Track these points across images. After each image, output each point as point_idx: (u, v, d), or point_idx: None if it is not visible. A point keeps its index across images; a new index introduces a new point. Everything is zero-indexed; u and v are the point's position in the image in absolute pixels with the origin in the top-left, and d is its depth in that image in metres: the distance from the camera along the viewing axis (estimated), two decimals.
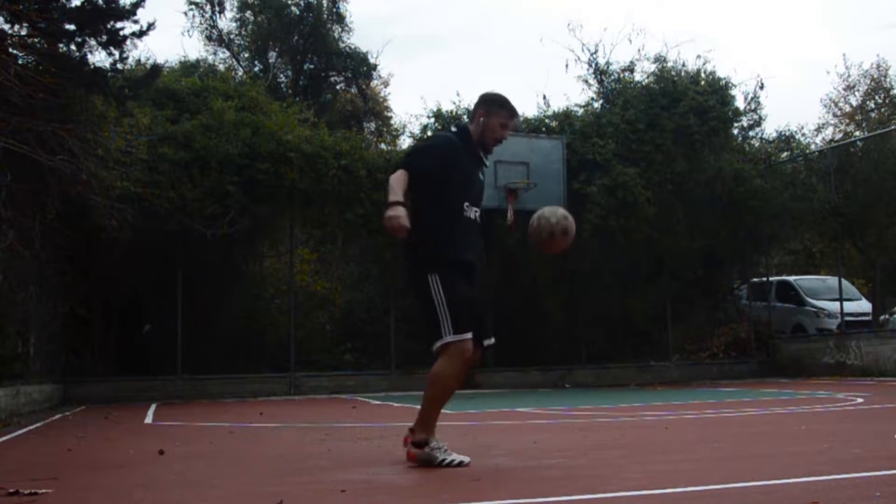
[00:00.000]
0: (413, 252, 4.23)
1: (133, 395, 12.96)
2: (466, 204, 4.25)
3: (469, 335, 4.06)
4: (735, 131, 17.86)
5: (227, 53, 25.05)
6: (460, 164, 4.27)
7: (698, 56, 29.20)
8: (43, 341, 11.31)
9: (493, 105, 4.36)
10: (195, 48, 43.98)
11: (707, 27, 50.18)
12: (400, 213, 3.95)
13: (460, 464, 4.01)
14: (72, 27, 9.12)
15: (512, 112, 4.39)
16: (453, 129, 4.56)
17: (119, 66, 9.71)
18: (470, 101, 21.29)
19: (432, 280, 4.09)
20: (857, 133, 23.83)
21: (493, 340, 4.28)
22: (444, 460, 4.02)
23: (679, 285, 17.07)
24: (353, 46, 24.67)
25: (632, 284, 16.63)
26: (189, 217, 12.46)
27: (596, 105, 17.02)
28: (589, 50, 18.42)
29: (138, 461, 4.87)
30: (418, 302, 4.21)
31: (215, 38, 24.86)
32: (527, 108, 41.02)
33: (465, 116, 15.53)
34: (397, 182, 4.07)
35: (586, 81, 18.12)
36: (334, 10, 24.32)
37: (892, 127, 20.94)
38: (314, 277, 17.50)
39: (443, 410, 4.22)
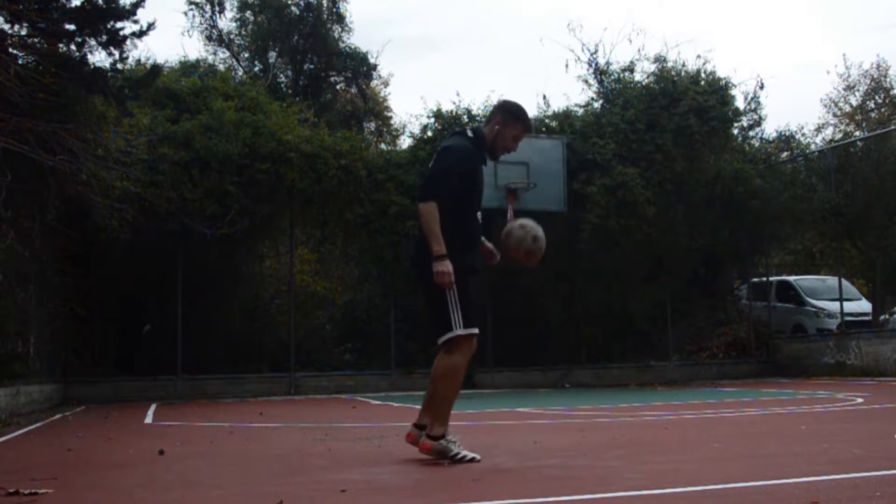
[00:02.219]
0: (429, 250, 4.20)
1: (133, 395, 12.96)
2: (479, 214, 4.40)
3: (476, 330, 4.27)
4: (735, 131, 17.86)
5: (227, 53, 25.03)
6: (477, 174, 4.35)
7: (698, 56, 29.19)
8: (43, 341, 11.31)
9: (510, 116, 4.40)
10: (195, 48, 44.02)
11: (707, 27, 50.20)
12: (449, 267, 4.09)
13: (472, 460, 4.10)
14: (72, 27, 9.12)
15: (527, 126, 4.45)
16: (469, 133, 4.47)
17: (119, 66, 9.72)
18: (470, 100, 21.36)
19: None
20: (857, 133, 23.83)
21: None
22: (457, 454, 4.12)
23: (679, 285, 17.06)
24: (353, 46, 24.66)
25: (632, 284, 16.63)
26: (189, 217, 12.46)
27: (596, 105, 17.02)
28: (589, 50, 18.43)
29: (138, 461, 4.87)
30: (427, 298, 4.31)
31: (215, 38, 24.84)
32: (527, 108, 41.09)
33: (464, 117, 15.54)
34: (435, 221, 4.11)
35: (586, 81, 18.13)
36: (334, 10, 24.30)
37: (892, 127, 20.96)
38: (314, 277, 17.50)
39: None
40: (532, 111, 20.33)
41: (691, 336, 17.84)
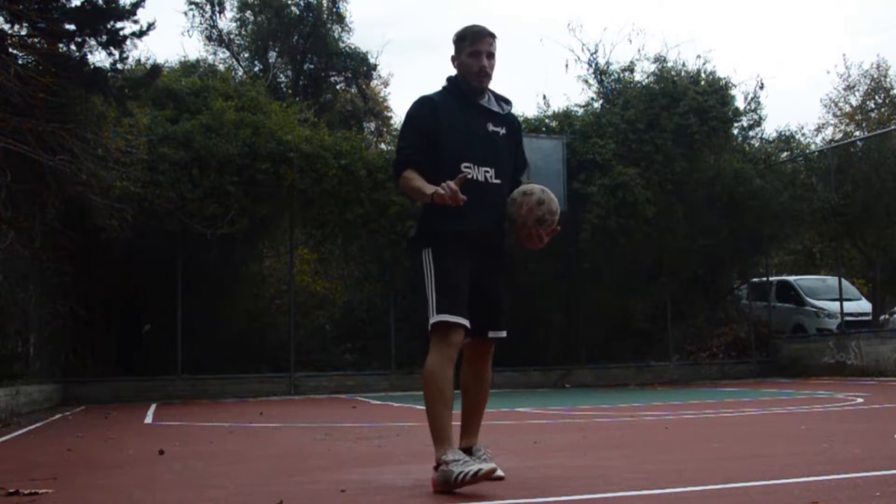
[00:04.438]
0: (415, 228, 3.67)
1: (133, 395, 12.96)
2: (465, 165, 3.52)
3: (455, 318, 3.37)
4: (735, 131, 17.87)
5: (227, 53, 25.02)
6: (446, 121, 3.57)
7: (698, 56, 29.23)
8: (43, 341, 11.31)
9: (456, 41, 3.68)
10: (195, 48, 44.02)
11: (707, 27, 50.23)
12: (442, 189, 3.32)
13: (478, 472, 3.19)
14: (72, 27, 9.13)
15: (476, 35, 3.62)
16: (444, 83, 3.80)
17: (119, 66, 9.73)
18: None
19: (426, 256, 3.52)
20: (857, 133, 23.84)
21: (503, 333, 3.65)
22: (460, 474, 3.18)
23: (679, 285, 17.07)
24: (353, 46, 24.65)
25: (632, 284, 16.63)
26: (189, 217, 12.47)
27: (596, 105, 17.04)
28: (589, 50, 18.47)
29: (138, 461, 4.87)
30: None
31: (215, 38, 24.83)
32: (527, 108, 41.04)
33: None
34: (414, 182, 3.48)
35: (586, 81, 18.14)
36: (334, 10, 24.30)
37: (892, 127, 20.95)
38: (314, 277, 17.50)
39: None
40: (532, 111, 20.35)
41: (691, 336, 17.84)
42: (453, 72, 3.72)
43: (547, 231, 3.54)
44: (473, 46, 3.61)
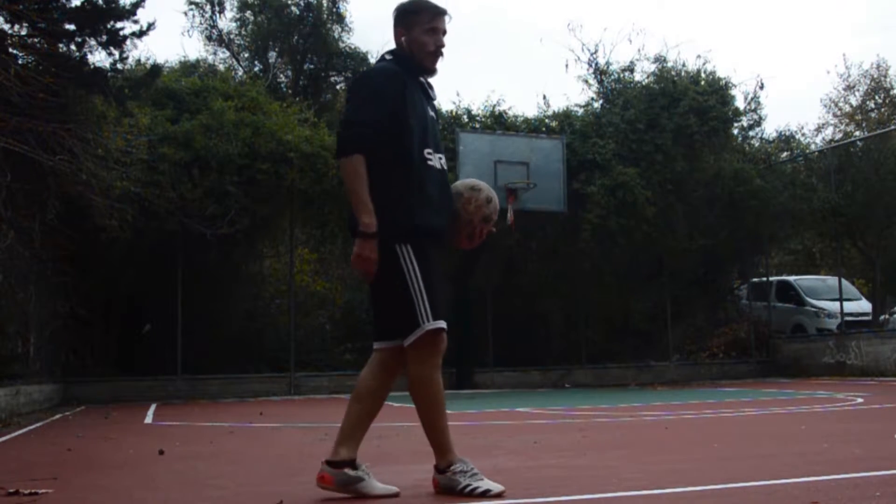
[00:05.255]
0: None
1: (133, 395, 12.96)
2: (428, 151, 3.24)
3: (444, 324, 3.20)
4: (735, 131, 17.88)
5: (227, 53, 25.01)
6: (410, 101, 3.24)
7: (698, 56, 29.23)
8: (43, 341, 11.31)
9: (409, 14, 3.30)
10: (195, 48, 44.07)
11: (707, 27, 50.20)
12: (373, 252, 3.07)
13: (486, 492, 3.12)
14: (72, 27, 9.13)
15: (436, 10, 3.30)
16: (388, 56, 3.37)
17: (119, 66, 9.74)
18: (470, 100, 21.34)
19: (403, 252, 3.14)
20: (857, 133, 23.87)
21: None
22: (468, 486, 3.18)
23: (679, 285, 17.08)
24: (353, 46, 24.64)
25: (632, 284, 16.63)
26: (189, 217, 12.47)
27: (596, 105, 17.03)
28: (589, 50, 18.47)
29: (138, 461, 4.87)
30: (379, 285, 3.22)
31: (215, 38, 24.82)
32: (527, 108, 41.04)
33: (464, 117, 15.51)
34: (360, 181, 3.08)
35: (586, 81, 18.14)
36: (334, 10, 24.30)
37: (892, 127, 20.97)
38: (314, 277, 17.50)
39: None
40: (532, 111, 20.35)
41: (691, 336, 17.86)
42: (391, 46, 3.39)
43: (487, 230, 3.35)
44: (433, 23, 3.29)
